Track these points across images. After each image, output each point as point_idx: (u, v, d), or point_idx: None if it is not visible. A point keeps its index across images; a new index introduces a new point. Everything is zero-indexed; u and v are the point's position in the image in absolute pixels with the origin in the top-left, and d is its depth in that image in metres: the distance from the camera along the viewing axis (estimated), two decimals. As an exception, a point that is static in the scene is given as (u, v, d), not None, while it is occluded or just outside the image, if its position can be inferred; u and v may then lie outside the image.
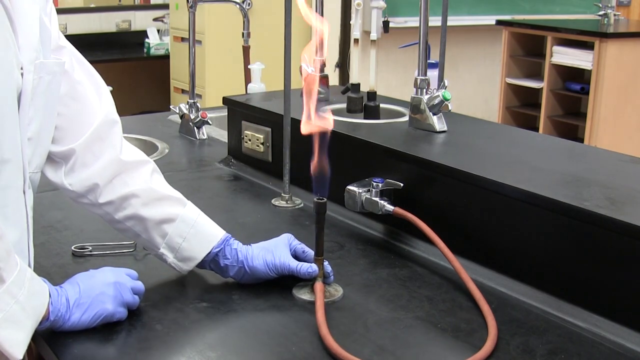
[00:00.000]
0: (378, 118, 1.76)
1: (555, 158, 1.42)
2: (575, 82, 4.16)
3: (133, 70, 5.07)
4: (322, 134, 1.09)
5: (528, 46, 4.41)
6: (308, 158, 1.11)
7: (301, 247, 1.24)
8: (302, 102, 1.13)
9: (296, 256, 1.23)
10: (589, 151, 1.62)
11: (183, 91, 4.42)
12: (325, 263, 1.20)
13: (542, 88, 4.22)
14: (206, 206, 1.31)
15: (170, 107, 2.38)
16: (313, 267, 1.18)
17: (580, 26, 4.25)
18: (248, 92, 2.36)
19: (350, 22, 2.22)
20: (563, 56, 4.10)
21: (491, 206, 1.28)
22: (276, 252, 1.21)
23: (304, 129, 1.09)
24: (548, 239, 1.20)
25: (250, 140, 1.87)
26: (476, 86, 4.92)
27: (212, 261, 1.23)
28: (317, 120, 1.09)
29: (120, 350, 1.04)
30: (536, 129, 4.20)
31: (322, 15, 1.84)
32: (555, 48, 4.13)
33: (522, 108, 4.43)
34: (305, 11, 1.14)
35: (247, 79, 2.51)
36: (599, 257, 1.12)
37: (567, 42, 4.10)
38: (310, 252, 1.22)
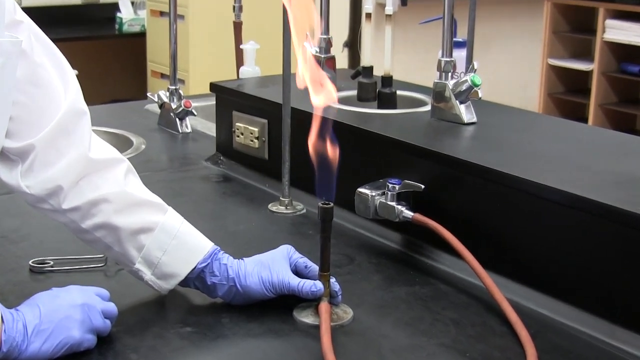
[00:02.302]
0: (395, 107, 1.77)
1: (607, 155, 1.43)
2: (633, 63, 4.15)
3: (102, 51, 5.09)
4: (325, 121, 1.10)
5: (575, 20, 4.41)
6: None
7: (303, 261, 1.24)
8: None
9: (297, 272, 1.23)
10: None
11: (162, 76, 4.42)
12: (332, 280, 1.20)
13: (592, 70, 4.22)
14: (190, 213, 1.32)
15: (148, 94, 2.39)
16: (317, 285, 1.19)
17: (638, -4, 4.24)
18: (240, 77, 2.37)
19: (362, -7, 2.22)
20: (618, 32, 4.10)
21: (529, 212, 1.28)
22: (273, 267, 1.21)
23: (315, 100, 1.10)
24: (598, 251, 1.19)
25: (242, 134, 1.87)
26: (512, 69, 4.92)
27: (197, 278, 1.23)
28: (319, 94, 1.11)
29: (89, 385, 1.05)
30: (585, 120, 4.21)
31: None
32: (609, 22, 4.13)
33: (567, 95, 4.43)
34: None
35: (239, 62, 2.52)
36: (658, 273, 1.13)
37: (622, 14, 4.10)
38: (314, 267, 1.22)
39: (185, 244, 1.22)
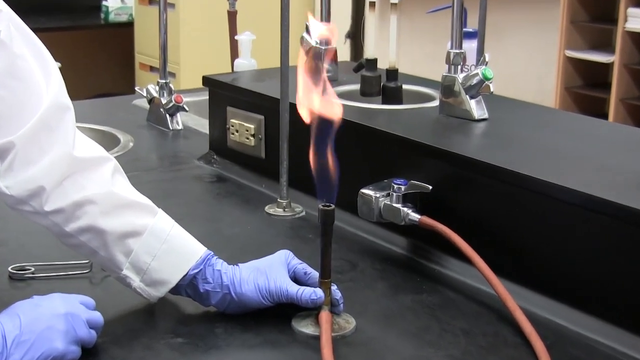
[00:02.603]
0: (400, 103, 1.76)
1: (629, 153, 1.43)
2: (657, 54, 4.15)
3: (87, 42, 5.09)
4: (328, 121, 1.11)
5: (594, 9, 4.40)
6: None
7: (302, 267, 1.24)
8: (298, 80, 1.16)
9: (296, 279, 1.23)
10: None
11: (152, 68, 4.43)
12: (334, 287, 1.21)
13: (612, 63, 4.22)
14: (182, 215, 1.32)
15: (136, 88, 2.39)
16: (317, 293, 1.19)
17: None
18: (235, 70, 2.37)
19: (365, -20, 2.23)
20: (641, 21, 4.09)
21: (544, 215, 1.28)
22: (271, 273, 1.22)
23: (304, 111, 1.11)
24: (619, 257, 1.19)
25: (237, 131, 1.88)
26: (527, 61, 4.91)
27: (189, 285, 1.23)
28: (321, 104, 1.12)
29: (73, 399, 1.05)
30: (605, 116, 4.20)
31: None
32: (631, 11, 4.12)
33: (586, 89, 4.42)
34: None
35: (234, 54, 2.53)
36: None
37: (645, 3, 4.10)
38: (315, 274, 1.23)
39: (176, 249, 1.22)
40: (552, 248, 1.28)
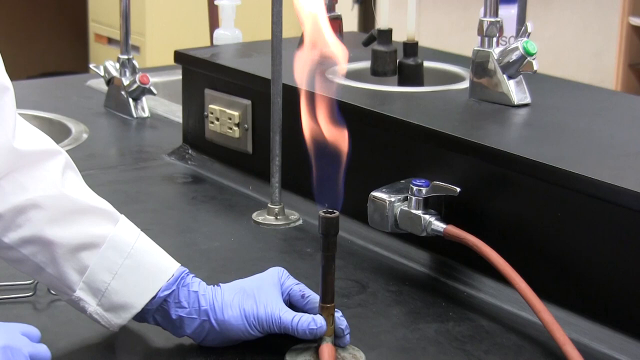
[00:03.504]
0: (421, 84, 1.76)
1: None
2: None
3: (29, 8, 5.08)
4: (329, 103, 1.12)
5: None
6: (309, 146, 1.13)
7: (299, 288, 1.24)
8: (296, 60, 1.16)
9: (292, 303, 1.23)
10: None
11: (110, 41, 4.41)
12: (338, 314, 1.20)
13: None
14: (149, 224, 1.33)
15: (90, 66, 2.39)
16: (317, 321, 1.18)
17: None
18: (214, 43, 2.35)
19: None
20: None
21: (602, 224, 1.27)
22: (260, 296, 1.21)
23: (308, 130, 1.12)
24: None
25: (218, 119, 1.88)
26: (580, 32, 4.90)
27: (158, 311, 1.23)
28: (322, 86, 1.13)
29: None
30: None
31: None
32: None
33: (655, 66, 4.42)
34: None
35: (213, 23, 2.52)
36: None
37: None
38: (314, 297, 1.22)
39: (142, 265, 1.22)
40: (612, 267, 1.26)
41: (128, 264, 1.21)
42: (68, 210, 1.20)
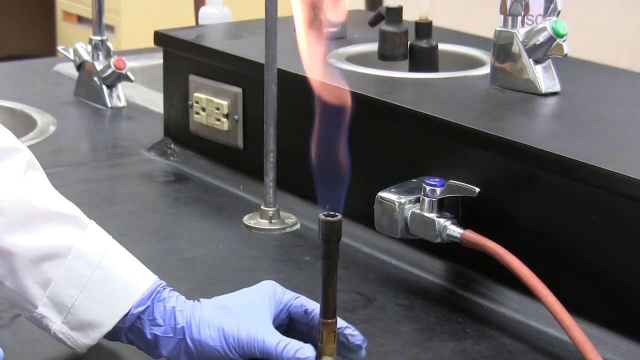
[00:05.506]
0: (436, 70, 1.77)
1: None
2: None
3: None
4: (331, 90, 1.09)
5: None
6: (308, 140, 1.08)
7: (300, 302, 1.21)
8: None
9: (294, 321, 1.21)
10: None
11: (80, 20, 4.44)
12: (351, 329, 1.17)
13: None
14: (124, 230, 1.39)
15: (58, 48, 2.38)
16: (307, 351, 1.13)
17: None
18: (200, 22, 2.35)
19: None
20: None
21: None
22: (245, 315, 1.18)
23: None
24: None
25: (204, 109, 1.87)
26: (617, 9, 4.85)
27: (131, 329, 1.21)
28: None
29: None
30: None
31: None
32: None
33: None
34: None
35: (198, 0, 2.52)
36: None
37: None
38: (317, 311, 1.18)
39: (113, 278, 1.20)
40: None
41: (97, 276, 1.19)
42: (29, 216, 1.19)
